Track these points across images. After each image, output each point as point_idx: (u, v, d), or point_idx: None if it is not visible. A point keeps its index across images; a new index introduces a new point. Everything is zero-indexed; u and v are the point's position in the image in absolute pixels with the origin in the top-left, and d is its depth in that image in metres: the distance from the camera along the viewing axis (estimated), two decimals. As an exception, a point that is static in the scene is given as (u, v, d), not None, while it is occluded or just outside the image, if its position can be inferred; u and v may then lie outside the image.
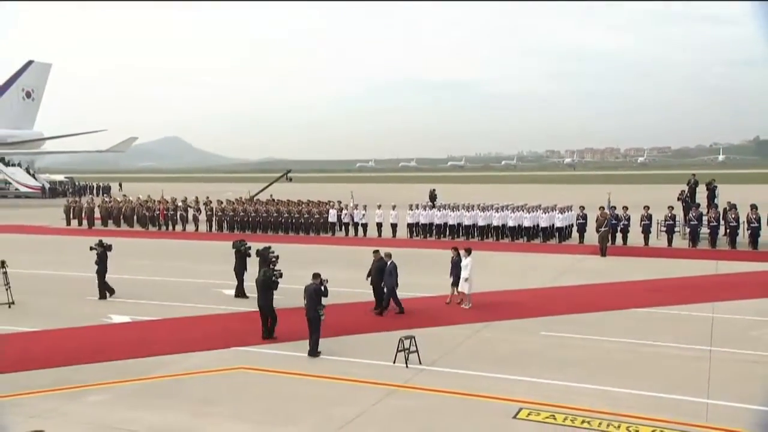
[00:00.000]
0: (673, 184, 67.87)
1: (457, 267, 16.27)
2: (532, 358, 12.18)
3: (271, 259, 15.55)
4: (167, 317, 15.40)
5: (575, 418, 9.23)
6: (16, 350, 12.93)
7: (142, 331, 14.45)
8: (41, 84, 70.21)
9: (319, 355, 12.25)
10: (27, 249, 26.90)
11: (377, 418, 9.45)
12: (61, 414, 9.61)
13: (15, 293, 16.56)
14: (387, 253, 15.89)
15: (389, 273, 15.41)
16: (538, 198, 40.14)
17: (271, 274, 13.70)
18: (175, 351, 12.76)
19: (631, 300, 16.99)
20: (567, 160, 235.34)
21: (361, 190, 54.34)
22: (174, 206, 36.20)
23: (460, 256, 16.27)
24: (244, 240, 17.68)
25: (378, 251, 16.10)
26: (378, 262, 15.66)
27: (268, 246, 16.33)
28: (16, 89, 67.72)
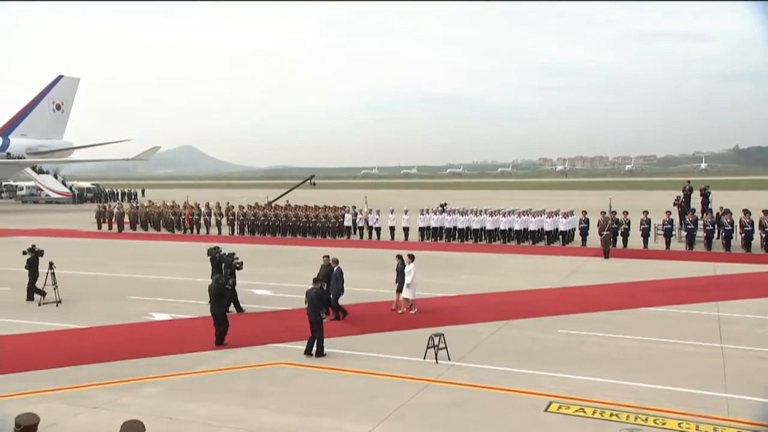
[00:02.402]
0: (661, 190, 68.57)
1: (402, 274, 15.47)
2: (553, 354, 12.13)
3: (236, 265, 15.40)
4: (205, 315, 15.33)
5: (604, 412, 9.18)
6: (68, 346, 12.92)
7: (183, 328, 14.44)
8: (70, 97, 70.30)
9: (325, 355, 11.89)
10: (63, 251, 26.74)
11: (416, 410, 9.41)
12: (120, 405, 9.60)
13: (60, 293, 16.56)
14: (334, 259, 15.09)
15: (335, 279, 14.57)
16: (533, 203, 40.10)
17: (224, 282, 13.23)
18: (215, 347, 12.73)
19: (639, 299, 16.93)
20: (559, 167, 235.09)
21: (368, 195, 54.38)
22: (198, 211, 36.23)
23: (404, 263, 15.48)
24: (218, 246, 16.43)
25: (327, 256, 15.29)
26: (326, 268, 14.83)
27: (232, 252, 15.90)
28: (47, 102, 67.82)
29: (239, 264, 15.55)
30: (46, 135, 67.24)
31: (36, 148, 65.45)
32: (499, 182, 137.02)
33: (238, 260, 15.60)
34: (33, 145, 65.48)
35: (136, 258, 25.65)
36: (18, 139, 64.79)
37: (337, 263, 14.97)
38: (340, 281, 14.66)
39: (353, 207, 33.61)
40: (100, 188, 72.05)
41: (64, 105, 69.55)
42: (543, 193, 72.61)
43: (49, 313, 15.67)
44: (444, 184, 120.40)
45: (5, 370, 11.30)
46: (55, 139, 68.70)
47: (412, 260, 15.39)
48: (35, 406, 9.36)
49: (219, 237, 33.54)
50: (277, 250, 27.75)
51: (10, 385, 10.44)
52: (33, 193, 66.42)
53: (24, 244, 30.09)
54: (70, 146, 70.21)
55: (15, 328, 14.34)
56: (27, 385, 10.45)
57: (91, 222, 39.26)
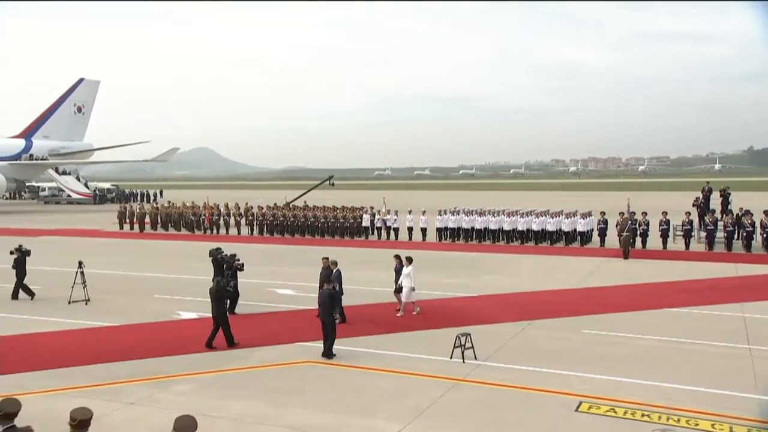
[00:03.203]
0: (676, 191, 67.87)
1: (399, 275, 15.25)
2: (579, 354, 12.05)
3: (237, 266, 15.24)
4: (230, 314, 15.42)
5: (635, 412, 9.10)
6: (100, 343, 13.06)
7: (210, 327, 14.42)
8: (91, 99, 71.02)
9: (334, 356, 11.74)
10: (88, 251, 27.07)
11: (447, 409, 9.39)
12: (155, 401, 9.69)
13: (88, 291, 16.73)
14: (333, 261, 14.87)
15: (335, 281, 13.96)
16: (547, 204, 39.83)
17: (225, 284, 13.01)
18: (242, 345, 12.78)
19: (662, 300, 16.77)
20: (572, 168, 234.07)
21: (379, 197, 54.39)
22: (218, 211, 36.47)
23: (402, 264, 15.28)
24: (220, 248, 16.18)
25: (327, 258, 15.08)
26: (325, 270, 14.62)
27: (233, 254, 15.75)
28: (68, 104, 68.57)
29: (240, 265, 15.38)
30: (68, 137, 68.01)
31: (58, 150, 66.21)
32: (512, 183, 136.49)
33: (239, 261, 15.39)
34: (55, 146, 66.26)
35: (159, 258, 25.86)
36: (40, 140, 65.60)
37: (336, 265, 14.72)
38: (339, 283, 14.23)
39: (371, 208, 33.64)
40: (120, 189, 72.72)
41: (85, 107, 70.29)
42: (556, 194, 72.17)
43: (78, 311, 15.84)
44: (457, 185, 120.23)
45: (38, 366, 11.45)
46: (77, 140, 69.44)
47: (410, 263, 15.13)
48: (72, 401, 9.47)
49: (238, 237, 33.73)
50: (297, 251, 27.83)
51: (45, 381, 10.57)
52: (55, 193, 67.19)
53: (50, 244, 30.67)
54: (91, 148, 70.93)
55: (46, 325, 14.52)
56: (61, 381, 10.58)
57: (112, 222, 39.64)
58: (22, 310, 16.01)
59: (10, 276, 17.75)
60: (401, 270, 15.24)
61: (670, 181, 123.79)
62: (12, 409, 5.55)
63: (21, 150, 63.33)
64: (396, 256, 15.81)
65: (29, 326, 14.39)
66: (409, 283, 14.96)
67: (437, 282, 19.40)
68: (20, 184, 64.40)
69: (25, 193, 75.49)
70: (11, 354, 12.30)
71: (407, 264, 15.13)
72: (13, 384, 10.35)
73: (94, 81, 71.41)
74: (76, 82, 69.41)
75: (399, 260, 15.51)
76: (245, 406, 9.57)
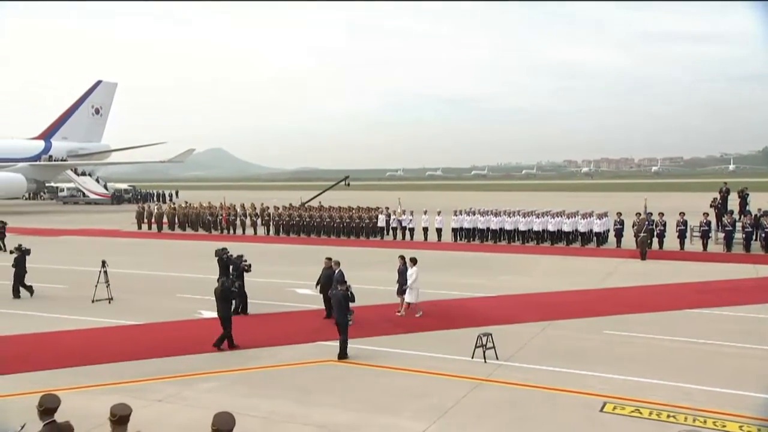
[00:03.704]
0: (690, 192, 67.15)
1: (403, 275, 15.05)
2: (601, 355, 11.98)
3: (244, 267, 15.19)
4: (252, 314, 15.54)
5: (660, 413, 9.04)
6: (125, 341, 13.19)
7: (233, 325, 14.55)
8: (108, 101, 71.72)
9: (348, 357, 11.66)
10: (108, 251, 27.32)
11: (471, 409, 9.38)
12: (182, 398, 9.78)
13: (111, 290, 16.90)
14: (336, 261, 14.70)
15: (336, 281, 13.88)
16: (560, 205, 39.62)
17: (230, 285, 12.82)
18: (265, 344, 12.85)
19: (682, 301, 16.64)
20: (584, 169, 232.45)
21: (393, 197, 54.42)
22: (234, 212, 36.68)
23: (406, 266, 15.09)
24: (226, 248, 16.34)
25: (329, 258, 14.93)
26: (327, 270, 14.58)
27: (240, 254, 15.75)
28: (86, 106, 69.30)
29: (247, 266, 15.30)
30: (86, 138, 68.73)
31: (76, 151, 66.93)
32: (524, 184, 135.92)
33: (246, 262, 15.31)
34: (73, 147, 66.98)
35: (179, 257, 26.05)
36: (59, 142, 66.36)
37: (339, 265, 14.59)
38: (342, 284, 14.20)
39: (386, 208, 33.68)
40: (136, 189, 73.36)
41: (103, 109, 71.00)
42: (569, 195, 71.72)
43: (102, 310, 16.01)
44: (469, 186, 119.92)
45: (65, 364, 11.59)
46: (95, 142, 70.16)
47: (414, 264, 14.96)
48: (100, 398, 9.64)
49: (255, 237, 33.90)
50: (313, 251, 27.84)
51: (72, 378, 10.70)
52: (73, 194, 67.90)
53: (71, 244, 31.02)
54: (108, 149, 71.62)
55: (71, 324, 14.69)
56: (89, 378, 10.70)
57: (131, 222, 39.99)
58: (46, 308, 16.20)
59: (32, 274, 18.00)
60: (405, 271, 15.09)
61: (684, 181, 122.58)
62: (52, 404, 5.64)
63: (40, 151, 64.11)
64: (400, 256, 15.67)
65: (54, 324, 14.57)
66: (413, 284, 14.82)
67: (454, 282, 19.40)
68: (40, 184, 65.14)
69: (44, 193, 76.37)
70: (39, 351, 12.47)
71: (411, 265, 14.97)
72: (41, 381, 10.49)
73: (111, 83, 72.12)
74: (94, 84, 70.14)
75: (403, 261, 15.36)
76: (272, 404, 9.62)
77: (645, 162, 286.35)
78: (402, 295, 15.21)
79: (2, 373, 10.87)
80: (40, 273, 21.74)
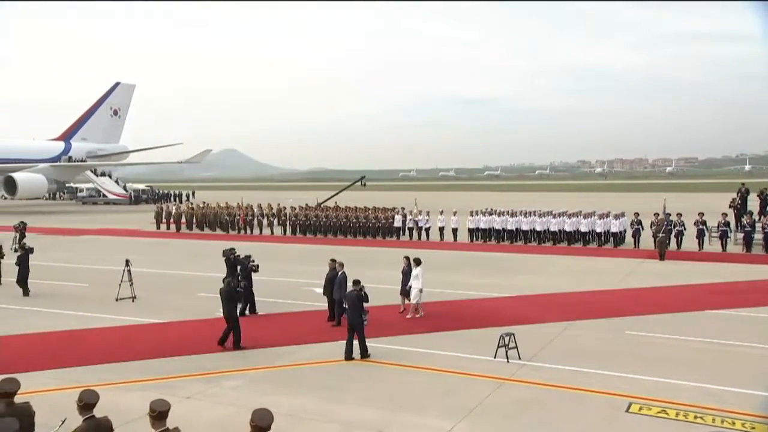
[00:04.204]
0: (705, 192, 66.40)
1: (407, 276, 14.92)
2: (624, 355, 11.90)
3: (251, 268, 15.13)
4: (273, 312, 15.64)
5: (687, 414, 8.97)
6: (150, 339, 13.33)
7: (254, 324, 14.61)
8: (126, 103, 72.48)
9: (369, 355, 11.63)
10: (129, 250, 27.51)
11: (496, 408, 9.37)
12: (210, 396, 9.86)
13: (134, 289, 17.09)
14: (340, 263, 14.47)
15: (338, 284, 14.04)
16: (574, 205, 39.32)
17: (236, 285, 12.69)
18: (287, 343, 12.92)
19: (703, 302, 16.50)
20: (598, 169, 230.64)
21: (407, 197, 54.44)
22: (252, 212, 36.89)
23: (410, 266, 14.93)
24: (234, 248, 16.29)
25: (333, 260, 14.78)
26: (331, 272, 14.47)
27: (248, 255, 15.74)
28: (105, 108, 70.09)
29: (255, 266, 15.26)
30: (105, 139, 69.51)
31: (95, 152, 67.68)
32: (538, 184, 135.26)
33: (254, 263, 15.25)
34: (92, 148, 67.76)
35: (199, 257, 26.22)
36: (79, 143, 67.15)
37: (342, 267, 14.40)
38: (344, 286, 13.93)
39: (402, 208, 33.70)
40: (153, 190, 73.99)
41: (121, 110, 71.76)
42: (584, 195, 71.21)
43: (125, 309, 16.17)
44: (482, 186, 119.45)
45: (93, 361, 11.73)
46: (113, 143, 70.92)
47: (418, 264, 14.80)
48: (130, 395, 9.75)
49: (273, 237, 34.06)
50: (331, 251, 27.77)
51: (101, 375, 10.81)
52: (92, 194, 68.64)
53: (93, 243, 31.37)
54: (126, 150, 72.35)
55: (96, 321, 14.86)
56: (117, 375, 10.81)
57: (149, 222, 40.35)
58: (71, 306, 16.41)
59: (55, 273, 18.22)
60: (409, 272, 14.95)
61: (700, 182, 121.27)
62: (92, 400, 5.74)
63: (61, 152, 64.93)
64: (405, 257, 15.58)
65: (81, 322, 14.74)
66: (418, 285, 14.64)
67: (471, 282, 19.38)
68: (60, 185, 65.93)
69: (64, 193, 77.26)
70: (68, 348, 12.64)
71: (415, 266, 14.80)
72: (70, 378, 10.65)
73: (129, 85, 72.87)
74: (113, 86, 70.90)
75: (407, 261, 15.22)
76: (297, 402, 9.67)
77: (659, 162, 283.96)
78: (405, 295, 15.07)
79: (35, 369, 11.02)
80: (62, 271, 22.11)
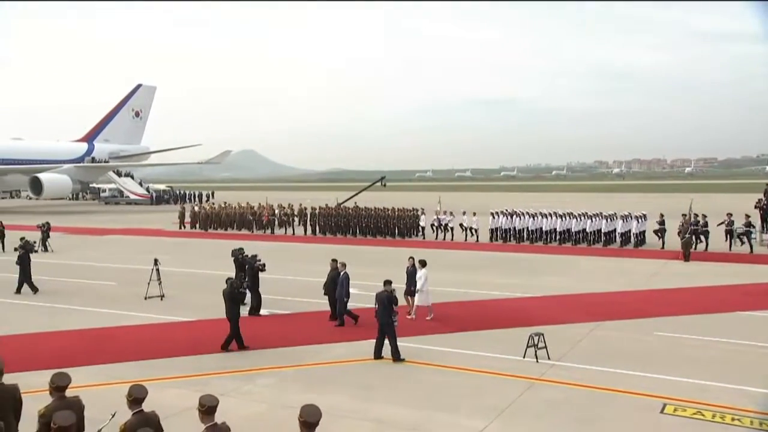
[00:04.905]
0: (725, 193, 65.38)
1: (412, 277, 14.69)
2: (654, 356, 11.80)
3: (258, 267, 15.10)
4: (301, 311, 15.73)
5: (724, 416, 8.86)
6: (182, 337, 13.48)
7: (283, 323, 14.80)
8: (148, 104, 73.44)
9: (404, 360, 11.42)
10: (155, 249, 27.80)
11: (529, 407, 9.34)
12: (244, 393, 9.95)
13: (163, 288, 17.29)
14: (342, 263, 14.32)
15: (341, 283, 13.94)
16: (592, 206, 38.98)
17: (239, 285, 12.54)
18: (317, 342, 12.99)
19: (732, 303, 16.31)
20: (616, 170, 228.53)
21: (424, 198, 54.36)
22: (273, 212, 37.15)
23: (415, 267, 14.68)
24: (242, 248, 16.36)
25: (335, 260, 14.65)
26: (333, 272, 14.36)
27: (255, 254, 15.73)
28: (127, 109, 71.07)
29: (261, 266, 15.24)
30: (127, 140, 70.47)
31: (117, 153, 68.69)
32: (555, 185, 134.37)
33: (260, 262, 15.21)
34: (115, 149, 68.75)
35: (222, 257, 26.08)
36: (102, 144, 68.15)
37: (345, 267, 14.29)
38: (346, 286, 13.99)
39: (421, 209, 33.75)
40: (173, 190, 74.76)
41: (143, 112, 72.70)
42: (600, 196, 70.54)
43: (155, 307, 16.36)
44: (499, 187, 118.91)
45: (128, 358, 11.91)
46: (134, 144, 71.89)
47: (423, 266, 14.54)
48: (167, 391, 9.87)
49: (296, 237, 34.21)
50: (355, 251, 27.99)
51: (140, 371, 10.95)
52: (115, 195, 69.54)
53: (118, 243, 31.77)
54: (147, 151, 73.28)
55: (127, 319, 15.07)
56: (153, 372, 10.95)
57: (172, 222, 40.76)
58: (101, 304, 16.66)
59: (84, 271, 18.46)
60: (413, 272, 14.70)
61: (720, 182, 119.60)
62: (140, 394, 5.84)
63: (84, 153, 65.96)
64: (410, 257, 15.41)
65: (113, 320, 14.96)
66: (423, 286, 14.43)
67: (494, 282, 19.33)
68: (84, 185, 66.92)
69: (87, 194, 78.37)
70: (104, 345, 12.84)
71: (421, 267, 14.57)
72: (108, 374, 10.82)
73: (151, 87, 73.78)
74: (135, 88, 71.85)
75: (412, 262, 15.00)
76: (330, 399, 9.71)
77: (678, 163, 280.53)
78: (411, 296, 14.86)
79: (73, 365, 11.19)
80: (90, 270, 22.46)
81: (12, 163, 57.59)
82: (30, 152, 60.32)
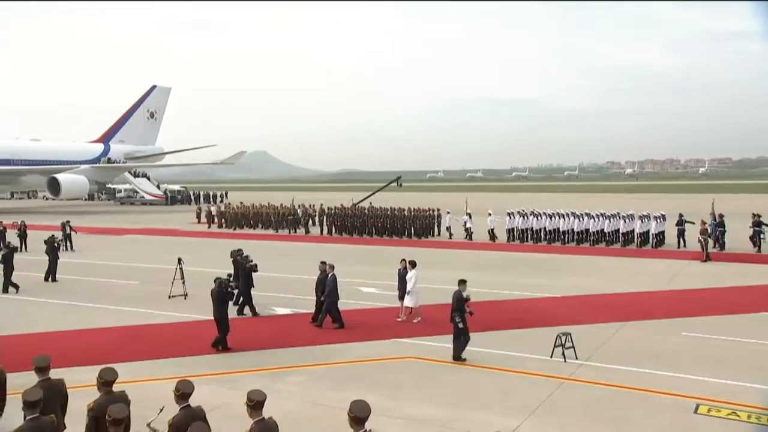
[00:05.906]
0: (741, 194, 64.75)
1: (403, 279, 14.59)
2: (683, 357, 11.73)
3: (250, 268, 15.11)
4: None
5: (760, 416, 8.81)
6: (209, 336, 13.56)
7: (306, 322, 14.85)
8: (162, 105, 73.98)
9: (465, 360, 11.46)
10: (172, 249, 28.03)
11: (559, 407, 9.33)
12: (274, 391, 9.95)
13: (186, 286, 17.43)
14: (330, 265, 14.26)
15: (328, 285, 13.95)
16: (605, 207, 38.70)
17: (227, 286, 12.42)
18: (342, 341, 13.04)
19: (756, 303, 16.19)
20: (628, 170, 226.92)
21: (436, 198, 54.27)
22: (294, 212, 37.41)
23: (406, 269, 14.56)
24: (241, 249, 16.41)
25: (324, 263, 14.53)
26: (322, 274, 14.34)
27: (246, 255, 15.83)
28: (142, 110, 71.65)
29: (253, 266, 15.27)
30: (142, 141, 71.04)
31: (132, 153, 69.25)
32: (566, 185, 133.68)
33: (252, 263, 15.22)
34: (130, 150, 69.32)
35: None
36: (117, 145, 68.75)
37: (333, 269, 14.22)
38: (334, 287, 14.00)
39: (437, 209, 33.77)
40: (187, 190, 75.23)
41: (157, 113, 73.25)
42: (613, 197, 70.00)
43: (180, 305, 16.50)
44: (510, 187, 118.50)
45: (158, 355, 12.03)
46: (149, 144, 72.45)
47: (413, 267, 14.47)
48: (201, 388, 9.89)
49: (314, 237, 34.30)
50: (373, 251, 28.09)
51: (172, 368, 11.07)
52: (130, 195, 70.12)
53: (137, 243, 32.04)
54: (162, 151, 73.81)
55: (153, 318, 15.22)
56: (187, 369, 11.01)
57: (188, 222, 41.04)
58: (127, 303, 16.82)
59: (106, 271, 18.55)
60: (405, 275, 14.57)
61: (735, 183, 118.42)
62: (188, 389, 5.92)
63: (100, 154, 66.58)
64: (402, 259, 15.30)
65: (139, 318, 15.12)
66: (412, 288, 14.33)
67: (515, 282, 19.30)
68: (100, 186, 67.53)
69: (102, 194, 79.08)
70: (135, 343, 12.98)
71: (410, 268, 14.48)
72: (142, 371, 10.92)
73: (165, 88, 74.32)
74: (149, 89, 72.40)
75: (404, 264, 14.89)
76: (361, 397, 9.70)
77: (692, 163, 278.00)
78: (402, 299, 14.72)
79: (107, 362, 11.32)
80: (112, 269, 22.68)
81: (30, 164, 58.28)
82: (47, 153, 60.99)
